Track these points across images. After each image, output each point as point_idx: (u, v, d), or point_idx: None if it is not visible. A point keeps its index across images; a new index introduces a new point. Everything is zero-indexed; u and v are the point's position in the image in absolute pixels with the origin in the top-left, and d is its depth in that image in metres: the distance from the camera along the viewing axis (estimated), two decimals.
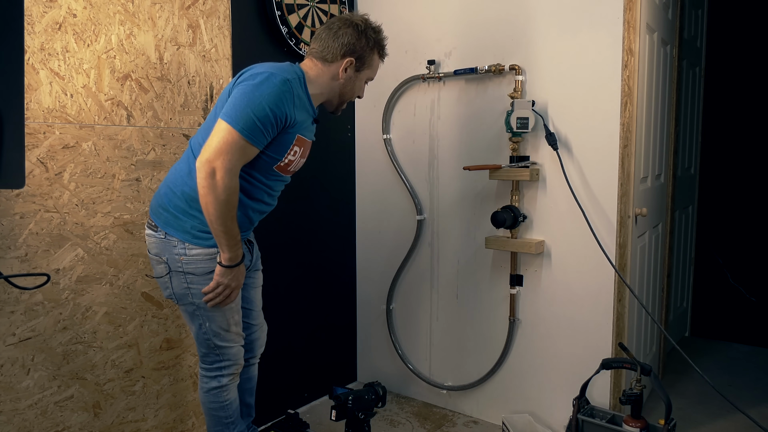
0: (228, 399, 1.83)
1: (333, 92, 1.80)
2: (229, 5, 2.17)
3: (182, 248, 1.67)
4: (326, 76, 1.76)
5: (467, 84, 2.43)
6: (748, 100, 3.81)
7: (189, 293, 1.70)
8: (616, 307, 2.16)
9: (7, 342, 1.64)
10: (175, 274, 1.69)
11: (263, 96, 1.56)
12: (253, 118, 1.55)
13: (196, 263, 1.67)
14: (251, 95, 1.56)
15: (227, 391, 1.82)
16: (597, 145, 2.13)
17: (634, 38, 2.11)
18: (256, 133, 1.57)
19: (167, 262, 1.69)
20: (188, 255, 1.67)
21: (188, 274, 1.68)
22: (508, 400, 2.44)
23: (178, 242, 1.67)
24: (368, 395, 2.30)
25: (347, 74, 1.77)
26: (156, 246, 1.70)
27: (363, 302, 2.89)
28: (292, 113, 1.63)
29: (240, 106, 1.55)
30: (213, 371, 1.80)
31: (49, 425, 1.75)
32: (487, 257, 2.45)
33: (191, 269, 1.68)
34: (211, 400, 1.81)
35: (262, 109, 1.55)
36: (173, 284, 1.71)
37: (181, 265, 1.68)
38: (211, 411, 1.83)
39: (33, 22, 1.63)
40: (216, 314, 1.72)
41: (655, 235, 2.66)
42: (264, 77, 1.59)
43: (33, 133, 1.65)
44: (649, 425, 1.96)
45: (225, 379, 1.80)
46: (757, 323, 3.63)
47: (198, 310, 1.71)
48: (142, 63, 1.91)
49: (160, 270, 1.72)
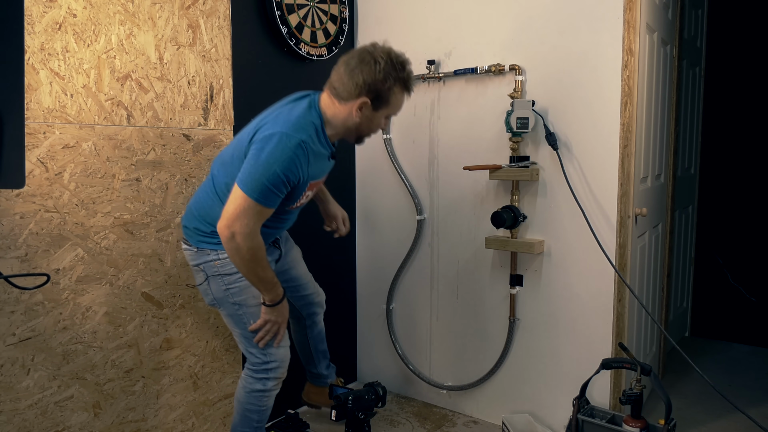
0: (266, 405, 1.89)
1: (349, 130, 1.78)
2: (229, 5, 2.17)
3: (215, 255, 1.79)
4: (342, 116, 1.73)
5: (467, 84, 2.43)
6: (748, 100, 3.80)
7: (228, 293, 1.81)
8: (616, 307, 2.16)
9: (7, 342, 1.65)
10: (212, 279, 1.81)
11: (276, 162, 1.60)
12: (267, 184, 1.61)
13: (230, 264, 1.77)
14: (265, 162, 1.60)
15: (269, 396, 1.89)
16: (597, 145, 2.13)
17: (634, 38, 2.11)
18: (270, 196, 1.64)
19: (204, 269, 1.82)
20: (221, 259, 1.79)
21: (225, 275, 1.79)
22: (508, 400, 2.44)
23: (211, 251, 1.80)
24: (368, 395, 2.30)
25: (363, 113, 1.72)
26: (192, 257, 1.84)
27: (363, 302, 2.89)
28: (305, 173, 1.68)
29: (254, 174, 1.61)
30: (260, 373, 1.85)
31: (49, 425, 1.75)
32: (487, 257, 2.45)
33: (227, 270, 1.79)
34: (250, 401, 1.87)
35: (275, 175, 1.60)
36: (212, 289, 1.83)
37: (216, 269, 1.80)
38: (246, 412, 1.89)
39: (33, 22, 1.63)
40: (257, 310, 1.82)
41: (655, 235, 2.66)
42: (277, 140, 1.61)
43: (33, 133, 1.65)
44: (649, 425, 1.96)
45: (270, 383, 1.86)
46: (757, 323, 3.63)
47: (241, 309, 1.81)
48: (142, 63, 1.91)
49: (200, 278, 1.85)
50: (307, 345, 2.32)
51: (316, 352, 2.32)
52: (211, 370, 2.22)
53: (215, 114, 2.15)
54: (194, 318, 2.14)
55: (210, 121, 2.14)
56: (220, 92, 2.16)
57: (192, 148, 2.08)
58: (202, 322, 2.17)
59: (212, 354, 2.22)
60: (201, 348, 2.18)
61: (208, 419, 2.23)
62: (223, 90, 2.17)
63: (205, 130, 2.12)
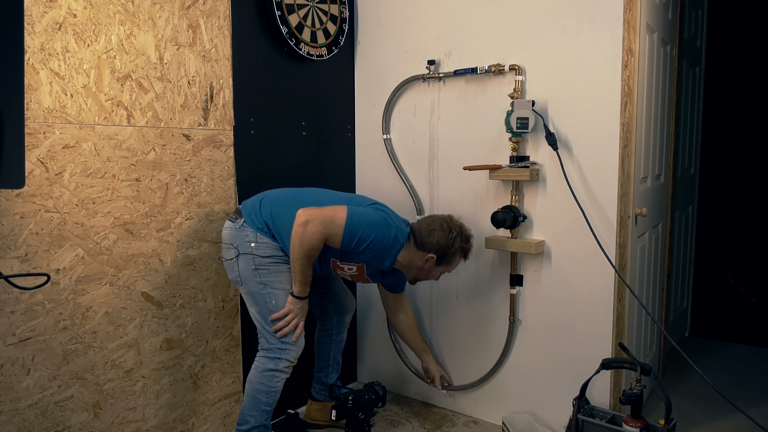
0: (276, 387, 1.99)
1: (410, 270, 2.10)
2: (229, 5, 2.17)
3: (254, 236, 1.98)
4: (411, 257, 2.07)
5: (467, 84, 2.43)
6: (748, 100, 3.81)
7: (257, 272, 1.97)
8: (616, 307, 2.16)
9: (7, 342, 1.65)
10: (243, 257, 1.97)
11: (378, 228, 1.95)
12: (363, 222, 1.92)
13: (264, 248, 1.97)
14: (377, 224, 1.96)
15: (279, 378, 1.99)
16: (597, 145, 2.13)
17: (634, 38, 2.11)
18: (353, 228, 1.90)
19: (237, 246, 1.98)
20: (258, 242, 1.97)
21: (256, 256, 1.97)
22: (508, 400, 2.44)
23: (251, 232, 1.98)
24: (368, 395, 2.30)
25: (427, 265, 2.07)
26: (230, 234, 2.01)
27: (363, 302, 2.89)
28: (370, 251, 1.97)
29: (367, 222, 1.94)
30: (273, 352, 1.98)
31: (49, 425, 1.75)
32: (487, 257, 2.45)
33: (259, 253, 1.97)
34: (261, 381, 1.97)
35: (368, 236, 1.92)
36: (240, 266, 1.98)
37: (250, 249, 1.97)
38: (256, 393, 1.98)
39: (33, 22, 1.63)
40: (280, 293, 1.98)
41: (655, 235, 2.66)
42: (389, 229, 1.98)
43: (33, 133, 1.65)
44: (649, 425, 1.96)
45: (282, 363, 1.97)
46: (757, 323, 3.63)
47: (265, 288, 1.97)
48: (142, 63, 1.91)
49: (230, 254, 2.00)
50: (327, 349, 2.42)
51: (334, 360, 2.43)
52: (211, 370, 2.22)
53: (215, 114, 2.15)
54: (194, 318, 2.14)
55: (210, 121, 2.14)
56: (220, 92, 2.16)
57: (192, 148, 2.08)
58: (202, 322, 2.17)
59: (212, 354, 2.22)
60: (201, 348, 2.18)
61: (208, 419, 2.23)
62: (223, 90, 2.17)
63: (205, 130, 2.12)
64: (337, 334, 2.41)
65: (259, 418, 1.98)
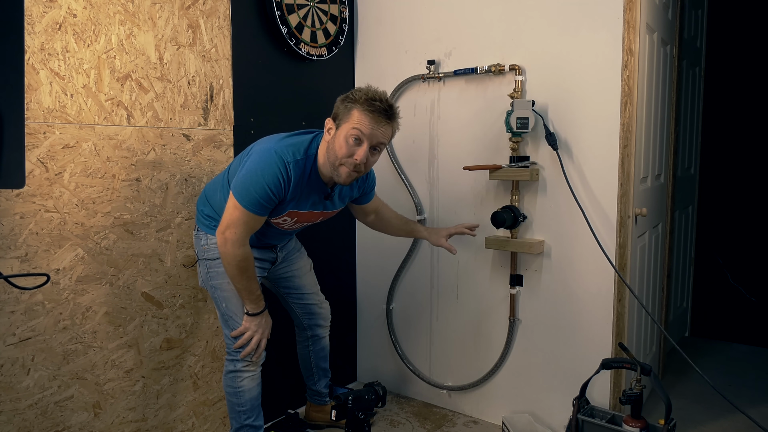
0: (241, 386, 1.96)
1: (326, 161, 1.82)
2: (229, 5, 2.17)
3: (205, 239, 1.94)
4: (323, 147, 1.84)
5: (467, 84, 2.43)
6: (748, 100, 3.81)
7: (209, 276, 1.94)
8: (616, 307, 2.16)
9: (7, 342, 1.65)
10: (201, 262, 1.96)
11: (263, 176, 1.74)
12: (255, 195, 1.74)
13: (213, 250, 1.91)
14: (254, 174, 1.75)
15: (242, 377, 1.95)
16: (597, 145, 2.13)
17: (634, 38, 2.11)
18: (259, 206, 1.76)
19: (197, 253, 1.98)
20: (208, 244, 1.93)
21: (208, 260, 1.93)
22: (508, 400, 2.44)
23: (204, 235, 1.94)
24: (368, 395, 2.30)
25: (329, 136, 1.82)
26: (195, 243, 2.00)
27: (363, 302, 2.89)
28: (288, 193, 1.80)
29: (245, 184, 1.75)
30: (231, 354, 1.96)
31: (49, 425, 1.75)
32: (487, 257, 2.45)
33: (210, 255, 1.92)
34: (227, 383, 1.98)
35: (262, 187, 1.74)
36: (200, 271, 1.98)
37: (204, 253, 1.94)
38: (228, 396, 1.98)
39: (33, 22, 1.63)
40: (230, 295, 1.92)
41: (655, 235, 2.66)
42: (267, 156, 1.76)
43: (33, 133, 1.65)
44: (649, 425, 1.96)
45: (240, 363, 1.95)
46: (757, 323, 3.63)
47: (216, 291, 1.94)
48: (142, 63, 1.91)
49: (195, 261, 2.04)
50: (308, 359, 2.36)
51: (317, 369, 2.37)
52: (211, 370, 2.22)
53: (215, 114, 2.15)
54: (194, 318, 2.14)
55: (210, 121, 2.14)
56: (220, 92, 2.16)
57: (192, 148, 2.08)
58: (202, 322, 2.17)
59: (212, 354, 2.22)
60: (201, 348, 2.18)
61: (208, 419, 2.23)
62: (223, 90, 2.17)
63: (205, 130, 2.12)
64: (314, 344, 2.33)
65: (239, 420, 1.97)
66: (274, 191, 1.75)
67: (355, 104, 1.76)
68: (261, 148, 1.80)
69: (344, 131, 1.76)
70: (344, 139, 1.75)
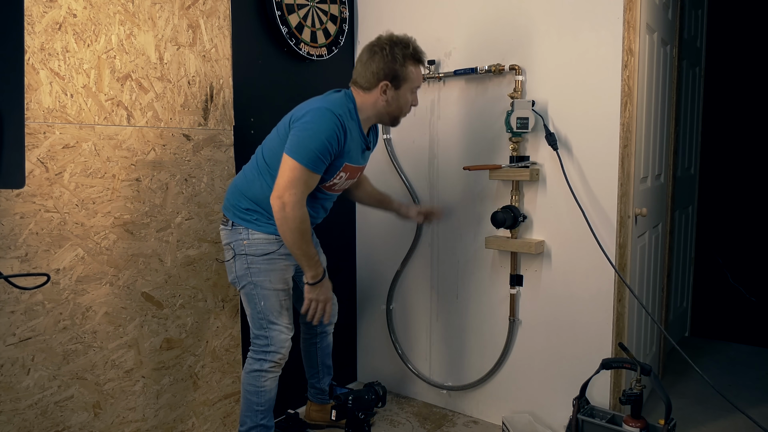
0: (264, 386, 1.98)
1: (381, 114, 1.98)
2: (229, 5, 2.17)
3: (246, 234, 1.93)
4: (369, 103, 1.95)
5: (467, 84, 2.43)
6: (748, 100, 3.80)
7: (249, 272, 1.94)
8: (616, 307, 2.16)
9: (7, 342, 1.65)
10: (239, 257, 1.94)
11: (320, 130, 1.80)
12: (314, 150, 1.79)
13: (257, 246, 1.92)
14: (311, 130, 1.80)
15: (266, 378, 1.98)
16: (597, 145, 2.13)
17: (634, 38, 2.11)
18: (317, 162, 1.81)
19: (233, 248, 1.95)
20: (250, 239, 1.92)
21: (249, 255, 1.93)
22: (508, 400, 2.44)
23: (243, 230, 1.93)
24: (368, 395, 2.30)
25: (387, 96, 1.93)
26: (226, 236, 1.98)
27: (363, 302, 2.89)
28: (343, 145, 1.87)
29: (302, 142, 1.80)
30: (259, 354, 1.97)
31: (49, 425, 1.75)
32: (487, 257, 2.45)
33: (252, 251, 1.92)
34: (249, 381, 1.98)
35: (320, 141, 1.79)
36: (236, 266, 1.95)
37: (244, 248, 1.93)
38: (247, 394, 1.99)
39: (33, 22, 1.63)
40: (270, 293, 1.94)
41: (655, 235, 2.66)
42: (319, 113, 1.82)
43: (33, 133, 1.65)
44: (649, 425, 1.96)
45: (267, 364, 1.96)
46: (757, 323, 3.63)
47: (255, 289, 1.94)
48: (142, 63, 1.91)
49: (228, 255, 1.98)
50: (314, 356, 2.37)
51: (323, 366, 2.38)
52: (211, 370, 2.22)
53: (215, 114, 2.15)
54: (194, 318, 2.14)
55: (210, 121, 2.14)
56: (220, 92, 2.16)
57: (192, 148, 2.08)
58: (202, 322, 2.17)
59: (212, 354, 2.22)
60: (201, 348, 2.18)
61: (208, 419, 2.23)
62: (223, 90, 2.17)
63: (205, 130, 2.12)
64: (321, 341, 2.35)
65: (255, 419, 1.98)
66: (333, 144, 1.82)
67: (406, 62, 1.90)
68: (310, 108, 1.85)
69: (407, 89, 1.95)
70: (409, 95, 1.96)
